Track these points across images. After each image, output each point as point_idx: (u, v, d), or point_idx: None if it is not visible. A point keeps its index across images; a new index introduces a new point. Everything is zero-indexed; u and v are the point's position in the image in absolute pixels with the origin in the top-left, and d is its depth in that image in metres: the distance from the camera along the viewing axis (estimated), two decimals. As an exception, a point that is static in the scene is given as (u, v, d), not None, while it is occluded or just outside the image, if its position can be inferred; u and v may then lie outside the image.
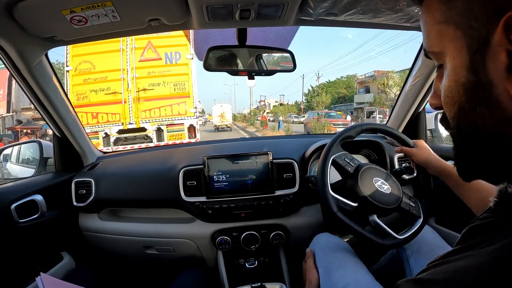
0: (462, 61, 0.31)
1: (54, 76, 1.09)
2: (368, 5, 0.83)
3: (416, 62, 1.23)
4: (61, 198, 1.22)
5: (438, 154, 0.95)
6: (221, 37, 1.45)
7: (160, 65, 6.61)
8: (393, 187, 0.89)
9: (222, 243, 1.20)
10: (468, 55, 0.30)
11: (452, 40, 0.31)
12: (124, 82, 6.41)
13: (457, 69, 0.32)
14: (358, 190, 0.86)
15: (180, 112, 6.81)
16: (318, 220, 1.24)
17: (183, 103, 6.78)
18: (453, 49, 0.32)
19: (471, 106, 0.31)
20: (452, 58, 0.32)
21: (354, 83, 40.48)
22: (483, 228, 0.32)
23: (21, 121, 15.13)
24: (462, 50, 0.30)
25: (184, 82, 6.69)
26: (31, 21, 0.79)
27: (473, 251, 0.30)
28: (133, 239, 1.26)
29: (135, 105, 6.54)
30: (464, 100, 0.31)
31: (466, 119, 0.32)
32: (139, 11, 0.81)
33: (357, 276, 0.85)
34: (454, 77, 0.32)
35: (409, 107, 1.36)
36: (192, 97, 6.80)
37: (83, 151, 1.36)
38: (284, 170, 1.19)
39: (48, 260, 1.15)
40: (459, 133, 0.34)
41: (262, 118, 26.01)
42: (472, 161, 0.35)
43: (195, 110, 6.90)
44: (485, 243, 0.29)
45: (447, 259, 0.32)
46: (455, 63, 0.32)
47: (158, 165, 1.33)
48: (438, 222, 1.26)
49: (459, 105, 0.32)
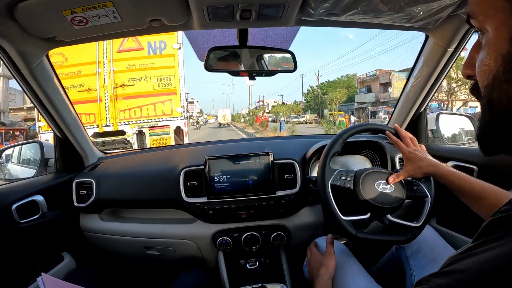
0: (506, 32, 0.31)
1: (55, 77, 1.09)
2: (369, 5, 0.83)
3: (418, 63, 1.23)
4: (62, 198, 1.22)
5: (439, 154, 0.95)
6: (222, 38, 1.45)
7: (142, 57, 5.68)
8: (396, 185, 0.88)
9: (223, 244, 1.20)
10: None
11: (500, 11, 0.32)
12: (100, 77, 5.52)
13: (499, 39, 0.32)
14: (364, 201, 0.86)
15: (165, 111, 5.84)
16: (319, 221, 1.24)
17: (168, 101, 5.84)
18: (499, 19, 0.32)
19: (508, 78, 0.31)
20: (496, 27, 0.32)
21: (355, 82, 40.29)
22: (506, 220, 0.32)
23: (4, 123, 14.73)
24: (507, 22, 0.31)
25: (169, 77, 5.76)
26: (32, 21, 0.79)
27: (499, 242, 0.30)
28: (134, 240, 1.26)
29: (112, 104, 5.63)
30: (502, 71, 0.32)
31: (500, 89, 0.33)
32: (140, 12, 0.81)
33: (356, 278, 0.86)
34: (495, 47, 0.32)
35: (411, 108, 1.35)
36: (179, 94, 5.84)
37: (84, 151, 1.36)
38: (285, 171, 1.19)
39: (49, 260, 1.15)
40: (489, 103, 0.35)
41: (259, 119, 25.77)
42: (498, 133, 0.35)
43: (182, 109, 5.90)
44: (510, 233, 0.30)
45: (473, 251, 0.32)
46: (498, 33, 0.32)
47: (159, 165, 1.33)
48: (439, 222, 1.25)
49: (495, 75, 0.33)
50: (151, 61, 5.73)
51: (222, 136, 19.34)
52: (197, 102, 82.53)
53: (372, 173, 0.90)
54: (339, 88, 38.39)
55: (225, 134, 21.35)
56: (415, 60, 1.25)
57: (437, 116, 1.49)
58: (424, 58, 1.18)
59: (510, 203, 0.34)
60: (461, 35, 1.01)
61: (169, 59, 5.78)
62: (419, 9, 0.86)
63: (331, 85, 43.15)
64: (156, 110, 5.83)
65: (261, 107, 61.80)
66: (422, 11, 0.87)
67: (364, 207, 0.87)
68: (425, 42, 1.16)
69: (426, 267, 0.87)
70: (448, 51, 1.08)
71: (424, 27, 0.98)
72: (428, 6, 0.85)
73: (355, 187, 0.88)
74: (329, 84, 44.17)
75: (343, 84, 42.24)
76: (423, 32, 1.09)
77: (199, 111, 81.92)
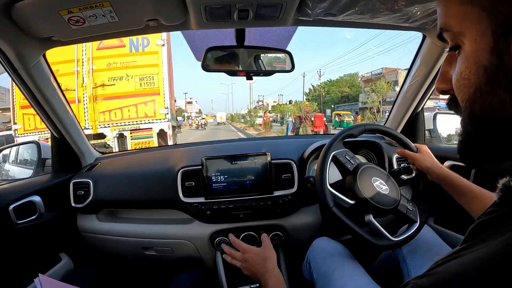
0: (485, 43, 0.30)
1: (52, 77, 1.09)
2: (367, 5, 0.83)
3: (415, 63, 1.24)
4: (59, 199, 1.21)
5: (436, 154, 0.95)
6: (220, 38, 1.45)
7: (124, 54, 5.34)
8: (391, 189, 0.89)
9: (220, 244, 1.20)
10: (492, 38, 0.30)
11: (476, 22, 0.31)
12: (78, 76, 5.25)
13: (478, 51, 0.31)
14: (356, 188, 0.86)
15: (147, 113, 5.49)
16: (317, 221, 1.24)
17: (151, 102, 5.48)
18: (476, 31, 0.31)
19: (490, 89, 0.31)
20: (473, 39, 0.32)
21: (357, 81, 39.71)
22: (491, 222, 0.32)
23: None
24: (485, 32, 0.30)
25: (152, 76, 5.42)
26: (29, 21, 0.79)
27: (483, 244, 0.30)
28: (131, 240, 1.26)
29: (91, 105, 5.34)
30: (483, 82, 0.31)
31: (482, 101, 0.32)
32: (137, 12, 0.81)
33: (355, 278, 0.86)
34: (475, 59, 0.32)
35: (408, 107, 1.36)
36: (163, 94, 5.49)
37: (81, 151, 1.35)
38: (282, 171, 1.19)
39: (47, 261, 1.15)
40: (471, 116, 0.34)
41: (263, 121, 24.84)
42: (480, 144, 0.35)
43: (166, 110, 5.54)
44: (495, 235, 0.29)
45: (458, 254, 0.32)
46: (476, 45, 0.31)
47: (156, 165, 1.33)
48: (437, 222, 1.26)
49: (476, 87, 0.32)
50: (133, 59, 5.40)
51: (221, 136, 19.29)
52: (196, 102, 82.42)
53: (372, 169, 0.92)
54: (341, 87, 37.90)
55: (225, 135, 21.25)
56: (413, 60, 1.25)
57: (434, 115, 1.50)
58: (422, 58, 1.19)
59: (495, 205, 0.34)
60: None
61: (152, 56, 5.46)
62: (416, 9, 0.86)
63: (334, 84, 42.64)
64: (138, 111, 5.48)
65: (260, 107, 61.75)
66: (419, 11, 0.87)
67: (353, 194, 0.87)
68: (422, 42, 1.16)
69: (423, 266, 0.87)
70: (446, 51, 1.09)
71: (421, 27, 0.99)
72: (425, 6, 0.85)
73: (353, 172, 0.89)
74: (332, 83, 43.63)
75: (346, 83, 41.66)
76: (421, 32, 1.09)
77: (198, 111, 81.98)
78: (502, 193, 0.34)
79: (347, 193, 0.88)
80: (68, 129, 1.24)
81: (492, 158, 0.36)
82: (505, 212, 0.32)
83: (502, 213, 0.32)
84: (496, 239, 0.29)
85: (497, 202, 0.34)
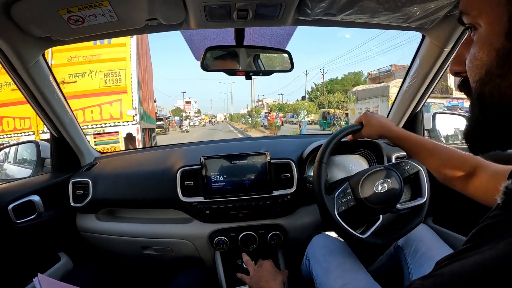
0: (501, 27, 0.31)
1: (51, 76, 1.09)
2: (366, 5, 0.83)
3: (414, 62, 1.24)
4: (58, 198, 1.21)
5: None
6: (219, 37, 1.45)
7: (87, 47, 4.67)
8: (393, 182, 0.87)
9: (219, 244, 1.20)
10: (508, 22, 0.31)
11: (494, 6, 0.32)
12: None
13: (493, 34, 0.32)
14: (357, 193, 0.86)
15: (113, 115, 4.85)
16: (316, 220, 1.24)
17: (117, 101, 4.83)
18: (494, 14, 0.32)
19: (501, 72, 0.32)
20: (490, 22, 0.33)
21: (362, 79, 38.53)
22: (495, 226, 0.32)
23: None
24: (502, 17, 0.31)
25: (119, 71, 4.78)
26: (28, 21, 0.79)
27: (486, 247, 0.30)
28: (130, 240, 1.26)
29: None
30: (495, 65, 0.32)
31: (493, 84, 0.33)
32: (137, 11, 0.81)
33: (355, 275, 0.86)
34: (489, 41, 0.33)
35: (407, 107, 1.36)
36: (131, 92, 4.83)
37: (81, 151, 1.35)
38: (281, 170, 1.19)
39: (46, 261, 1.15)
40: (480, 97, 0.35)
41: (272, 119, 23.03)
42: (487, 129, 0.36)
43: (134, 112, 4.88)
44: (500, 237, 0.30)
45: (461, 255, 0.32)
46: (492, 28, 0.32)
47: (155, 165, 1.33)
48: (436, 222, 1.26)
49: (488, 69, 0.33)
50: (98, 52, 4.76)
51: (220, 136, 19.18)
52: (194, 101, 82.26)
53: (368, 177, 0.87)
54: (346, 86, 37.00)
55: (224, 135, 21.14)
56: (412, 60, 1.25)
57: (433, 115, 1.50)
58: (421, 58, 1.19)
59: (499, 208, 0.34)
60: (458, 35, 1.02)
61: (119, 49, 4.81)
62: (416, 9, 0.86)
63: (338, 83, 41.58)
64: (102, 113, 4.83)
65: (260, 107, 61.52)
66: (418, 11, 0.87)
67: (363, 207, 0.86)
68: (421, 42, 1.16)
69: (423, 266, 0.88)
70: (445, 51, 1.09)
71: (420, 27, 0.99)
72: (424, 6, 0.85)
73: (356, 197, 0.86)
74: (335, 81, 42.63)
75: (350, 81, 40.61)
76: (420, 32, 1.10)
77: (196, 111, 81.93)
78: (506, 196, 0.34)
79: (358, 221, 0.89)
80: (67, 129, 1.23)
81: (498, 145, 0.36)
82: (509, 215, 0.32)
83: (506, 217, 0.32)
84: (501, 241, 0.29)
85: (501, 205, 0.34)
